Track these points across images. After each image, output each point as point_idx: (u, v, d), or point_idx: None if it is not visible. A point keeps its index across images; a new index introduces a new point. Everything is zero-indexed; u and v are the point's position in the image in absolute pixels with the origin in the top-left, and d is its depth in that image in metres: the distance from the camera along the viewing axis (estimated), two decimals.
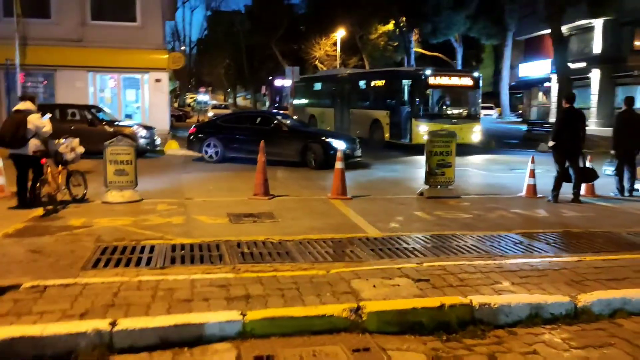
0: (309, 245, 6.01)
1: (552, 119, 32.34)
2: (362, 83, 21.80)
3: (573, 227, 7.09)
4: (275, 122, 14.37)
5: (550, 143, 8.86)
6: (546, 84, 33.44)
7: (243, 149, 14.11)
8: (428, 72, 17.88)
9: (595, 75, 28.41)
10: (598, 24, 27.77)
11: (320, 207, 8.32)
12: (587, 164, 8.98)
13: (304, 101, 26.26)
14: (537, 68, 33.40)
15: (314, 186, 10.77)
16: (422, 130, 16.38)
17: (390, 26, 38.10)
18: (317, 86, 25.68)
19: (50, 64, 18.46)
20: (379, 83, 20.50)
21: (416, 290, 4.08)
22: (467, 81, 18.28)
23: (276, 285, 4.19)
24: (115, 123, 15.40)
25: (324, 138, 13.86)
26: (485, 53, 47.31)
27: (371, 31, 39.12)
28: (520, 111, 41.89)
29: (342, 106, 22.46)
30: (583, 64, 27.85)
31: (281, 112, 21.16)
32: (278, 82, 33.32)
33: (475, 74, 18.91)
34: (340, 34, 40.33)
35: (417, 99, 17.71)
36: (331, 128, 21.96)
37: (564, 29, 23.40)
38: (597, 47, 28.32)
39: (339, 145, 13.81)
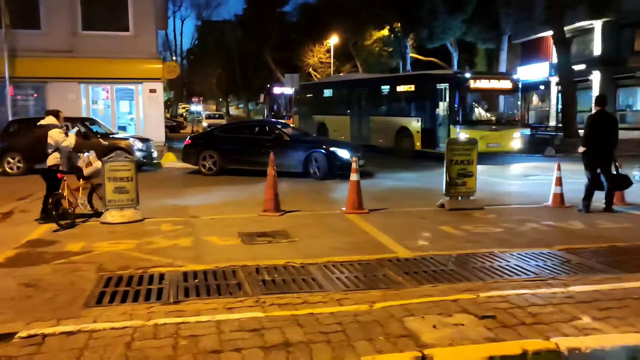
0: (334, 269, 5.41)
1: (552, 122, 32.04)
2: (385, 88, 20.48)
3: (616, 240, 6.52)
4: (276, 131, 13.77)
5: (581, 149, 8.30)
6: (541, 87, 33.07)
7: (243, 160, 13.52)
8: (468, 75, 16.97)
9: (595, 77, 28.03)
10: (597, 25, 27.44)
11: (338, 223, 7.71)
12: (619, 170, 8.45)
13: (311, 109, 24.92)
14: (535, 71, 33.04)
15: (324, 199, 10.16)
16: (462, 137, 15.33)
17: (385, 32, 37.70)
18: (328, 92, 24.31)
19: (40, 76, 17.76)
20: (408, 88, 19.11)
21: (484, 331, 3.47)
22: (506, 84, 17.31)
23: (317, 326, 3.56)
24: (111, 136, 14.74)
25: (328, 147, 13.27)
26: (478, 57, 47.02)
27: (366, 37, 38.70)
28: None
29: (359, 113, 21.12)
30: (583, 66, 27.48)
31: (281, 121, 20.44)
32: (277, 90, 32.49)
33: (515, 77, 18.11)
34: (333, 40, 39.90)
35: (456, 104, 16.45)
36: (346, 137, 20.78)
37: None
38: (597, 49, 27.96)
39: (344, 154, 13.24)
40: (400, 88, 19.58)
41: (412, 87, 18.98)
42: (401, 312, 3.81)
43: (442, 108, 17.10)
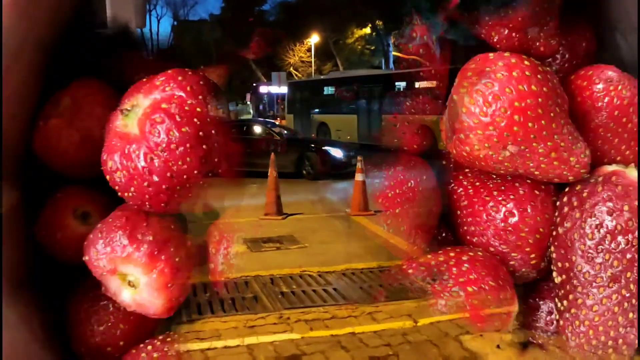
0: (355, 277, 4.96)
1: None
2: (401, 85, 19.85)
3: None
4: (266, 131, 13.35)
5: None
6: None
7: None
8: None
9: None
10: None
11: (346, 226, 7.30)
12: None
13: (309, 108, 24.08)
14: None
15: (324, 200, 9.75)
16: None
17: (367, 30, 37.63)
18: (329, 90, 23.64)
19: None
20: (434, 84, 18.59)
21: (555, 350, 3.09)
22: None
23: (364, 349, 3.12)
24: None
25: (320, 146, 12.90)
26: None
27: (347, 35, 38.58)
28: None
29: (369, 112, 20.60)
30: None
31: (270, 120, 19.91)
32: (263, 89, 31.85)
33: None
34: (314, 39, 39.70)
35: None
36: (352, 138, 20.20)
37: None
38: None
39: (337, 153, 12.91)
40: (425, 84, 18.85)
41: (440, 83, 18.30)
42: (453, 328, 3.40)
43: None
